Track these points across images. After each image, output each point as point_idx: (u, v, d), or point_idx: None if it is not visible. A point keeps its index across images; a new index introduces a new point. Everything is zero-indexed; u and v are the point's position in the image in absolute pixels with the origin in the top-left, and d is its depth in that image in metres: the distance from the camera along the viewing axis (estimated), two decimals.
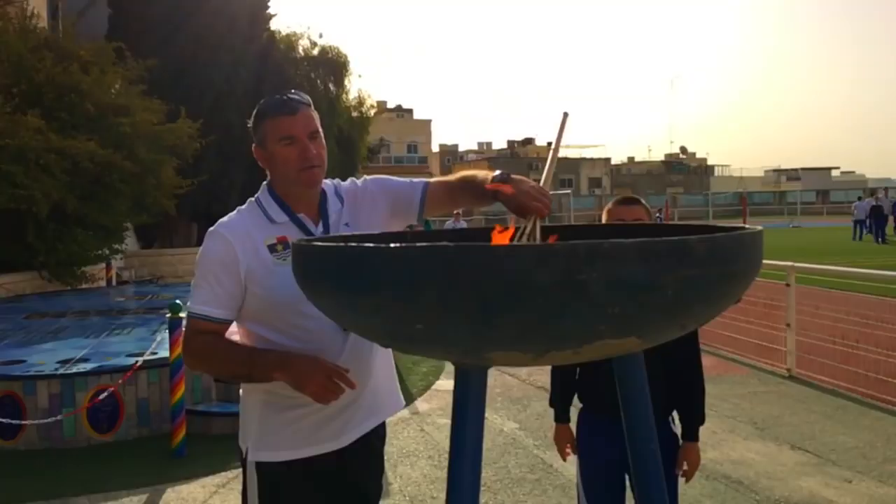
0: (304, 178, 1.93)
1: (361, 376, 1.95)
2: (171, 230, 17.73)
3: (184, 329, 2.02)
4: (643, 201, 2.59)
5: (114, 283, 12.60)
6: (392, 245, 1.26)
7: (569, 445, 2.73)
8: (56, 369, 5.42)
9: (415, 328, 1.28)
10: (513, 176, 1.86)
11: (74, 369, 5.42)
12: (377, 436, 2.15)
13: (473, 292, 1.20)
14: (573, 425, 2.71)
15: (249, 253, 1.91)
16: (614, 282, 1.17)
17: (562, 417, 2.76)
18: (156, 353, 5.72)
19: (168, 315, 5.15)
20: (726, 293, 1.34)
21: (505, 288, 1.18)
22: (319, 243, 1.43)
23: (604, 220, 2.52)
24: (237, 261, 1.90)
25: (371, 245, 1.30)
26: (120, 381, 5.21)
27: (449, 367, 7.30)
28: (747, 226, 1.50)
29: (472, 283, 1.19)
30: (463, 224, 14.27)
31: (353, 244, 1.32)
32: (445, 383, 6.90)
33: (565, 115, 1.86)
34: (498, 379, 6.78)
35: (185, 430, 5.03)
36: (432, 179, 2.20)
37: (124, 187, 10.88)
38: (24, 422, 5.08)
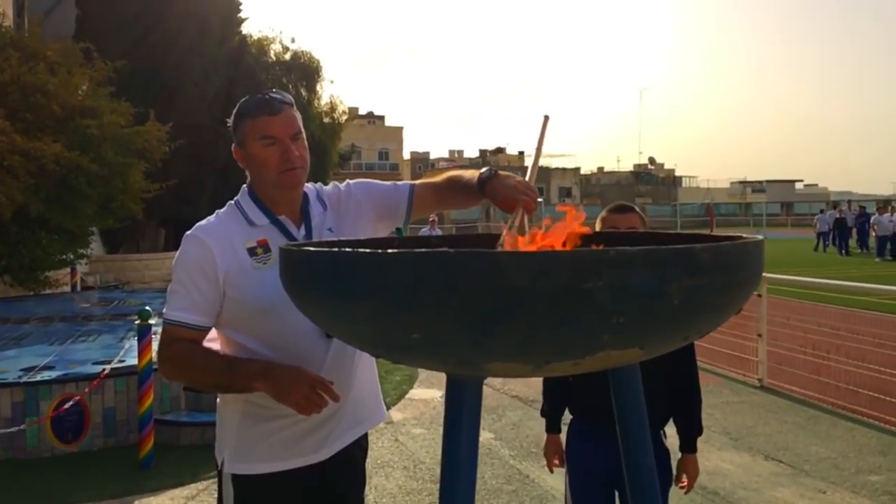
0: (285, 179, 1.87)
1: (344, 385, 1.89)
2: (138, 235, 17.45)
3: (159, 336, 1.93)
4: (637, 209, 2.56)
5: (78, 288, 12.35)
6: (389, 250, 1.21)
7: (556, 457, 2.69)
8: (19, 377, 5.26)
9: (411, 337, 1.23)
10: (499, 172, 1.88)
11: (38, 377, 5.27)
12: (359, 447, 2.09)
13: (474, 300, 1.15)
14: (563, 436, 2.67)
15: (228, 256, 1.84)
16: (620, 290, 1.14)
17: (553, 428, 2.71)
18: (123, 361, 5.59)
19: (137, 322, 5.02)
20: (730, 303, 1.31)
21: (507, 296, 1.14)
22: (310, 248, 1.37)
23: (598, 228, 2.48)
24: (215, 265, 1.83)
25: (366, 250, 1.24)
26: (86, 390, 5.07)
27: (423, 376, 7.24)
28: (746, 235, 1.47)
29: (472, 291, 1.15)
30: (438, 231, 14.13)
31: (347, 249, 1.27)
32: (419, 392, 6.84)
33: (546, 117, 1.89)
34: None
35: (154, 441, 4.91)
36: (417, 182, 2.16)
37: (90, 190, 10.64)
38: None
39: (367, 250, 1.24)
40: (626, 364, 1.44)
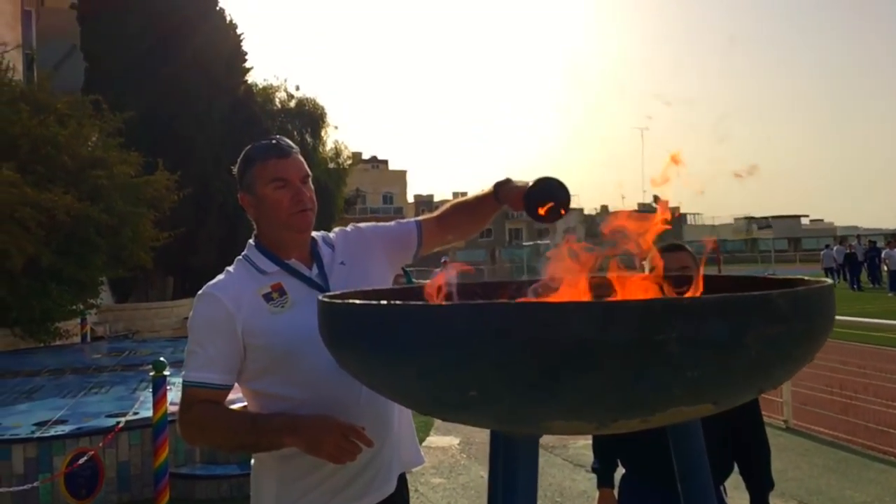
0: (297, 221, 1.87)
1: (382, 426, 1.84)
2: (146, 284, 17.42)
3: (179, 399, 1.85)
4: (687, 247, 2.45)
5: (88, 338, 12.26)
6: (443, 303, 1.14)
7: None
8: (32, 432, 5.15)
9: (467, 395, 1.15)
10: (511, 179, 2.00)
11: (52, 432, 5.16)
12: (401, 497, 1.99)
13: (536, 354, 1.08)
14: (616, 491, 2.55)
15: (244, 308, 1.80)
16: (694, 342, 1.06)
17: (606, 482, 2.59)
18: (137, 413, 5.48)
19: (151, 373, 4.93)
20: (806, 352, 1.23)
21: (572, 350, 1.06)
22: (355, 300, 1.30)
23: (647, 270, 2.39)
24: (232, 318, 1.78)
25: (418, 302, 1.18)
26: (100, 445, 4.96)
27: (439, 422, 7.09)
28: (807, 277, 1.40)
29: (535, 344, 1.07)
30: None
31: (396, 301, 1.19)
32: (436, 439, 6.69)
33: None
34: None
35: (169, 495, 4.78)
36: (420, 218, 2.18)
37: (101, 241, 10.64)
38: None
39: (419, 302, 1.17)
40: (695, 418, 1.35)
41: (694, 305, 1.06)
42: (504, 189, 1.99)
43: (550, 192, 1.81)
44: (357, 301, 1.28)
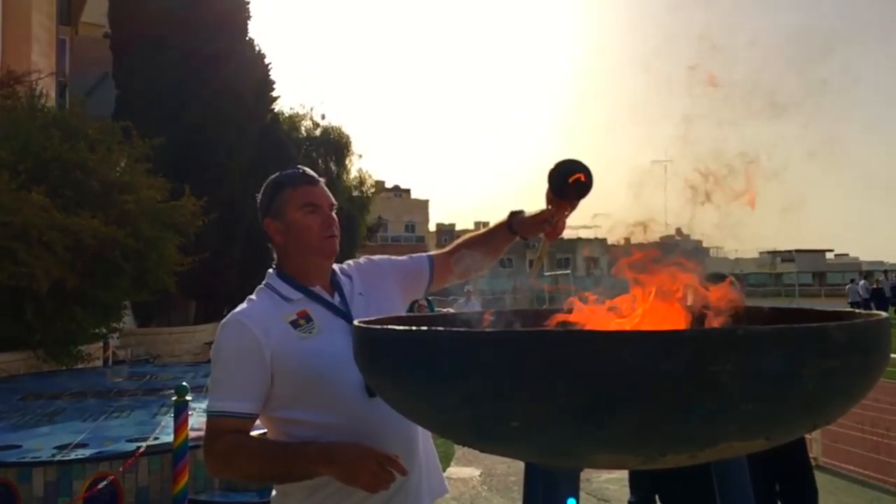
0: (327, 246, 1.90)
1: (409, 453, 1.81)
2: (169, 308, 17.50)
3: (204, 429, 1.82)
4: (733, 278, 2.41)
5: (110, 362, 12.31)
6: (488, 330, 1.11)
7: None
8: (53, 455, 5.14)
9: (509, 426, 1.12)
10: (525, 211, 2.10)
11: (73, 455, 5.15)
12: None
13: (584, 384, 1.04)
14: None
15: (272, 334, 1.79)
16: (749, 374, 1.02)
17: None
18: (158, 439, 5.46)
19: (174, 398, 4.92)
20: (862, 386, 1.18)
21: (622, 381, 1.03)
22: (394, 326, 1.27)
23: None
24: (260, 345, 1.77)
25: (461, 329, 1.15)
26: (120, 469, 4.94)
27: (459, 453, 7.00)
28: (863, 311, 1.36)
29: (583, 374, 1.04)
30: (476, 304, 13.85)
31: (440, 328, 1.17)
32: (456, 470, 6.60)
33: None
34: (513, 466, 6.48)
35: None
36: (432, 252, 2.23)
37: (126, 264, 10.72)
38: None
39: (462, 329, 1.14)
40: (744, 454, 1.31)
41: (750, 337, 1.03)
42: (517, 219, 2.08)
43: (574, 167, 1.89)
44: (398, 327, 1.25)
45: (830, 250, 77.33)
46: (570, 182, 1.86)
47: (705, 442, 1.10)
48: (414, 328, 1.20)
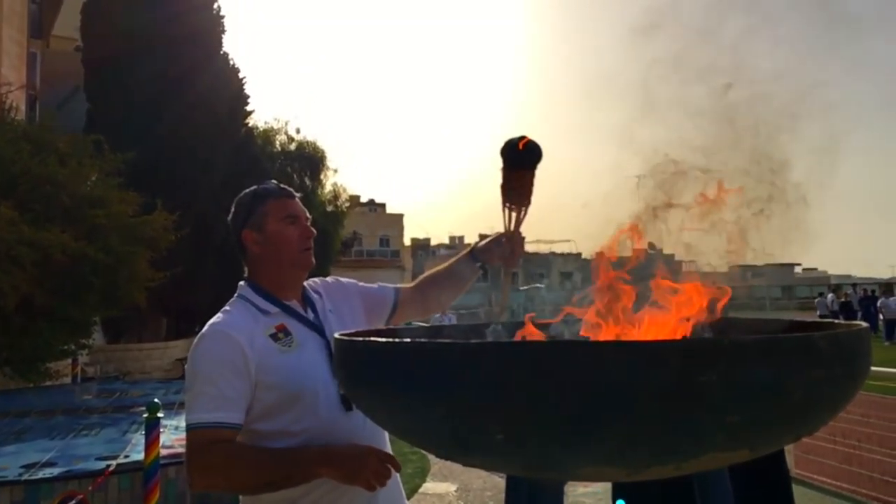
0: (304, 258, 1.94)
1: None
2: (139, 324, 17.25)
3: (187, 446, 1.77)
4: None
5: (79, 379, 12.09)
6: (473, 341, 1.10)
7: None
8: (20, 474, 5.02)
9: (494, 438, 1.10)
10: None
11: (40, 474, 5.03)
12: None
13: (569, 396, 1.03)
14: None
15: (256, 346, 1.78)
16: (736, 385, 1.02)
17: None
18: (128, 457, 5.36)
19: (145, 415, 4.83)
20: (845, 397, 1.19)
21: (608, 393, 1.02)
22: (377, 338, 1.25)
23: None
24: (246, 357, 1.75)
25: (444, 341, 1.13)
26: (89, 488, 4.83)
27: (435, 468, 6.96)
28: (844, 321, 1.36)
29: (568, 387, 1.03)
30: (452, 317, 13.89)
31: (424, 339, 1.15)
32: (433, 486, 6.56)
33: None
34: (489, 481, 6.45)
35: None
36: (399, 285, 2.28)
37: (96, 280, 10.55)
38: None
39: (447, 341, 1.13)
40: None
41: (737, 347, 1.02)
42: (478, 248, 2.17)
43: (521, 138, 1.95)
44: (379, 339, 1.23)
45: (798, 264, 78.52)
46: (520, 147, 1.91)
47: (691, 453, 1.09)
48: (397, 340, 1.18)
